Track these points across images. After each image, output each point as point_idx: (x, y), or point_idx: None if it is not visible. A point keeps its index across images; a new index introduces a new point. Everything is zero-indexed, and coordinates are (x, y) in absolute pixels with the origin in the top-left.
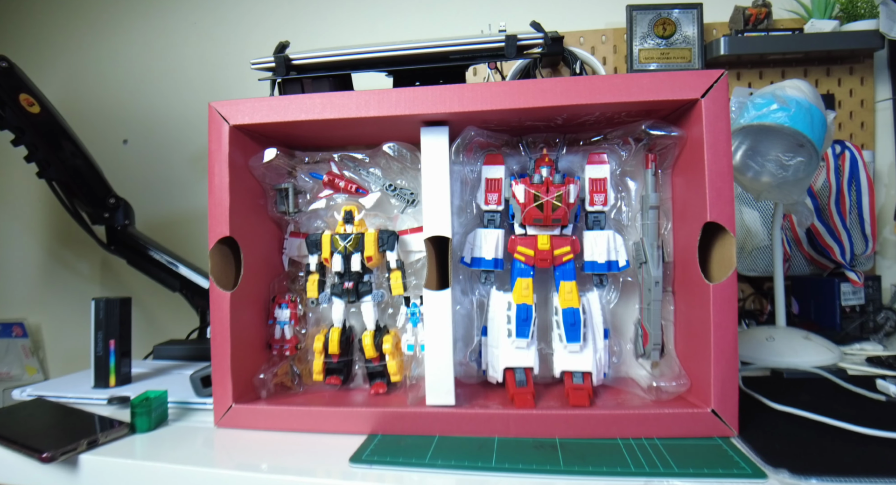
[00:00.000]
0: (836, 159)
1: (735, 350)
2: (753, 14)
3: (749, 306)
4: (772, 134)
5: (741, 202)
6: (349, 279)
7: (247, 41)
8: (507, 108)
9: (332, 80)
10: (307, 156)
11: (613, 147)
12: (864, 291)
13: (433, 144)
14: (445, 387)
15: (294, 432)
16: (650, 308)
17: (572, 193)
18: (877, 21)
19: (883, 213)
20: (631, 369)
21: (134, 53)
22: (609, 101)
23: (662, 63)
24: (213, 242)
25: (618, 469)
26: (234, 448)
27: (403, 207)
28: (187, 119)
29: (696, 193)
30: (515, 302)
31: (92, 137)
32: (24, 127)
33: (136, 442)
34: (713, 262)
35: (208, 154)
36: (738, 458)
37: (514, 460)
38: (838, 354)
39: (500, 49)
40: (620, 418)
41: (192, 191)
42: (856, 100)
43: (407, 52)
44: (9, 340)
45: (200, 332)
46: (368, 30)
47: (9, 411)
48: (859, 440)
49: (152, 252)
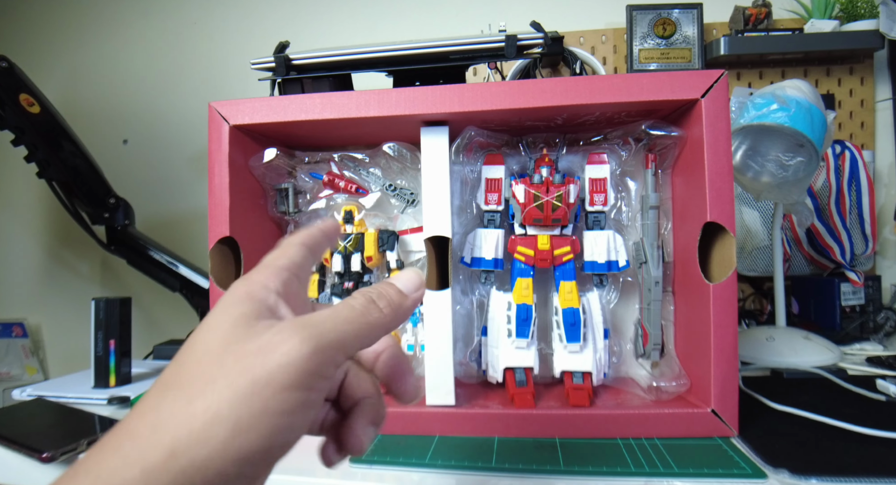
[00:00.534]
0: (836, 159)
1: (735, 350)
2: (753, 14)
3: (749, 306)
4: (772, 134)
5: (741, 202)
6: (349, 279)
7: (247, 41)
8: (507, 108)
9: (332, 80)
10: (307, 156)
11: (613, 147)
12: (864, 291)
13: (433, 144)
14: (445, 387)
15: None
16: (650, 308)
17: (572, 193)
18: (877, 21)
19: (883, 213)
20: (631, 368)
21: (134, 53)
22: (609, 101)
23: (662, 63)
24: (213, 242)
25: (618, 469)
26: None
27: (403, 207)
28: (187, 119)
29: (696, 193)
30: (515, 302)
31: (92, 137)
32: (24, 127)
33: None
34: (713, 262)
35: (208, 154)
36: (738, 458)
37: (514, 460)
38: (838, 354)
39: (500, 49)
40: (620, 418)
41: (192, 191)
42: (856, 100)
43: (407, 52)
44: (9, 340)
45: None
46: (368, 30)
47: (9, 411)
48: (859, 440)
49: (152, 252)
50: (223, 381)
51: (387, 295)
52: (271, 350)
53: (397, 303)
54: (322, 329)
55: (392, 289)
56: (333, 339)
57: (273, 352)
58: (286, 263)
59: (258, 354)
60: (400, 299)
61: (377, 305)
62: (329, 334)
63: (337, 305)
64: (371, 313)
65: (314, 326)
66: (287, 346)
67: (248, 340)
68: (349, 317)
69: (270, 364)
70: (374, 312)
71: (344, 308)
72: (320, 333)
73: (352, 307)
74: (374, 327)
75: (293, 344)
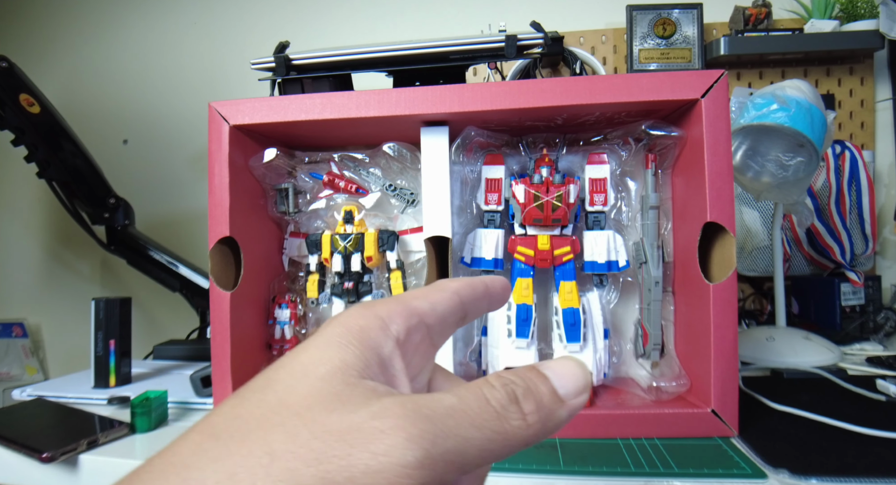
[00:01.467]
0: (836, 159)
1: (735, 350)
2: (753, 14)
3: (749, 306)
4: (772, 134)
5: (741, 202)
6: (349, 279)
7: (247, 41)
8: (507, 108)
9: (332, 80)
10: (307, 156)
11: (613, 147)
12: (864, 291)
13: (433, 144)
14: None
15: None
16: (650, 308)
17: (572, 193)
18: (877, 21)
19: (883, 213)
20: (631, 368)
21: (134, 53)
22: (609, 101)
23: (662, 63)
24: (213, 242)
25: (618, 469)
26: None
27: (403, 207)
28: (187, 119)
29: (696, 193)
30: (515, 302)
31: (92, 137)
32: (24, 127)
33: (136, 442)
34: (713, 262)
35: (208, 154)
36: (738, 458)
37: (514, 460)
38: (838, 355)
39: (500, 49)
40: (620, 418)
41: (192, 191)
42: (856, 100)
43: (407, 52)
44: (9, 340)
45: (200, 332)
46: (368, 30)
47: (9, 411)
48: (859, 440)
49: (152, 252)
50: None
51: (537, 395)
52: (363, 442)
53: (549, 410)
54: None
55: (545, 387)
56: (451, 448)
57: (364, 446)
58: (422, 307)
59: (343, 441)
60: (553, 406)
61: (520, 408)
62: (448, 440)
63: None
64: (510, 419)
65: (431, 422)
66: (387, 444)
67: (338, 409)
68: (480, 417)
69: (356, 465)
70: (516, 417)
71: (476, 401)
72: (437, 434)
73: (486, 402)
74: (509, 441)
75: (397, 443)
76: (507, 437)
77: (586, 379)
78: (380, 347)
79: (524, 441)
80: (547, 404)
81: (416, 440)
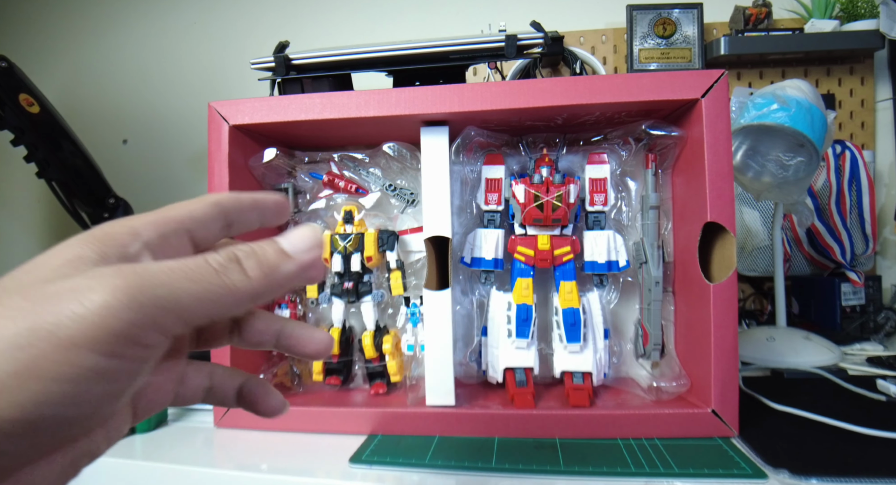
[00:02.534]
0: (836, 159)
1: (735, 350)
2: (753, 14)
3: (749, 306)
4: (772, 134)
5: (741, 202)
6: (349, 279)
7: (247, 41)
8: (507, 108)
9: (332, 80)
10: (307, 156)
11: (613, 147)
12: (864, 291)
13: (433, 144)
14: (445, 387)
15: (294, 433)
16: (650, 308)
17: (572, 193)
18: (877, 21)
19: (883, 213)
20: (631, 369)
21: (134, 53)
22: (609, 101)
23: (662, 63)
24: None
25: (618, 469)
26: (234, 448)
27: (403, 207)
28: (187, 119)
29: (696, 193)
30: (515, 302)
31: (92, 137)
32: (24, 127)
33: (136, 442)
34: (713, 262)
35: (208, 154)
36: (738, 458)
37: (514, 461)
38: (838, 355)
39: (500, 49)
40: (620, 418)
41: (192, 191)
42: (856, 100)
43: (407, 52)
44: None
45: None
46: (368, 30)
47: None
48: (859, 440)
49: None
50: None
51: (259, 254)
52: (72, 295)
53: (272, 265)
54: (150, 280)
55: (271, 247)
56: (163, 295)
57: (72, 298)
58: (178, 215)
59: (53, 297)
60: (278, 260)
61: (241, 265)
62: (157, 289)
63: (187, 258)
64: (230, 274)
65: (139, 275)
66: (94, 294)
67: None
68: (196, 273)
69: (62, 313)
70: (235, 272)
71: (194, 262)
72: (145, 284)
73: (204, 261)
74: (230, 293)
75: (103, 292)
76: (229, 288)
77: (315, 238)
78: (124, 247)
79: (251, 291)
80: (272, 260)
81: (122, 289)
